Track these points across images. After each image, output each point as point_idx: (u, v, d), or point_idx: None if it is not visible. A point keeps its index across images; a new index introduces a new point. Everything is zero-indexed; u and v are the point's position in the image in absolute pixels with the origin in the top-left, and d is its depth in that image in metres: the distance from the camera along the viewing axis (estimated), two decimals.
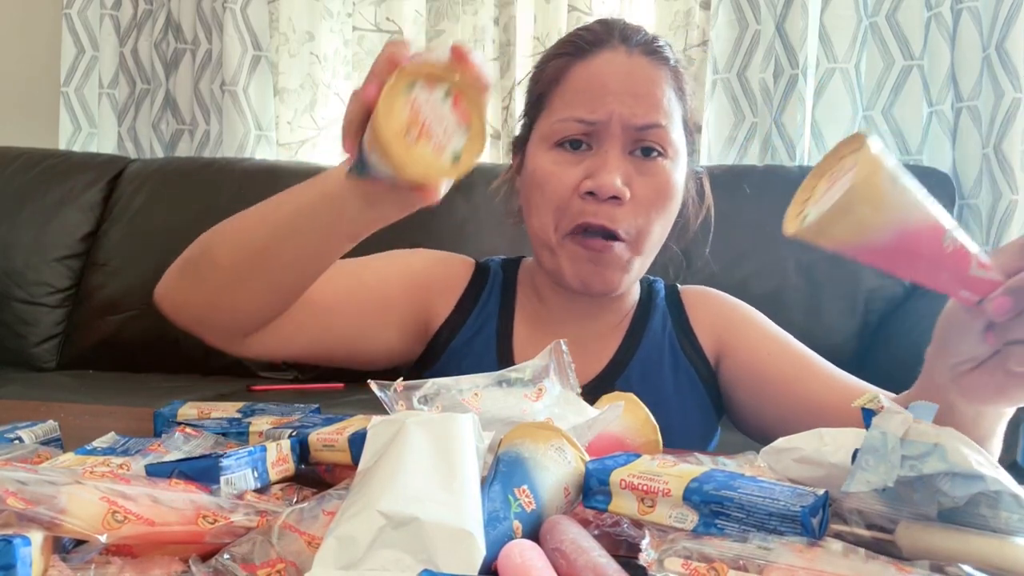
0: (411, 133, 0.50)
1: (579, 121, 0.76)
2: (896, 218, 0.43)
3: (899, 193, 0.43)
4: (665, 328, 0.87)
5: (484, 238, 1.74)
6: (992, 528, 0.42)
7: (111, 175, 2.02)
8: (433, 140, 0.50)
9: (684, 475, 0.45)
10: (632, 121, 0.75)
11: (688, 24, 1.95)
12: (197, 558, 0.41)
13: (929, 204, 0.44)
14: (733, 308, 0.88)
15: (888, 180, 0.42)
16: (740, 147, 1.90)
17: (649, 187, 0.76)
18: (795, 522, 0.40)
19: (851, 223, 0.43)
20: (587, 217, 0.75)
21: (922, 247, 0.44)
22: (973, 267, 0.45)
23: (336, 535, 0.37)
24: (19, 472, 0.39)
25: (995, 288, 0.46)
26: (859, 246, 0.44)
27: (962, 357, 0.51)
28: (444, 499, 0.38)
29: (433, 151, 0.51)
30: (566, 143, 0.77)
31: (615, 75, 0.76)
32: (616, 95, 0.75)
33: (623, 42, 0.78)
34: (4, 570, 0.33)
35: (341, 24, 2.19)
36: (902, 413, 0.45)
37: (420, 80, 0.50)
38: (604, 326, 0.86)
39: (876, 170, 0.42)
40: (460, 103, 0.51)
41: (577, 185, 0.76)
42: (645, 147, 0.76)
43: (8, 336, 1.89)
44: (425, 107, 0.50)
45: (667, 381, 0.84)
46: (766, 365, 0.81)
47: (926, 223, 0.43)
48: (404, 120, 0.50)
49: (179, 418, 0.66)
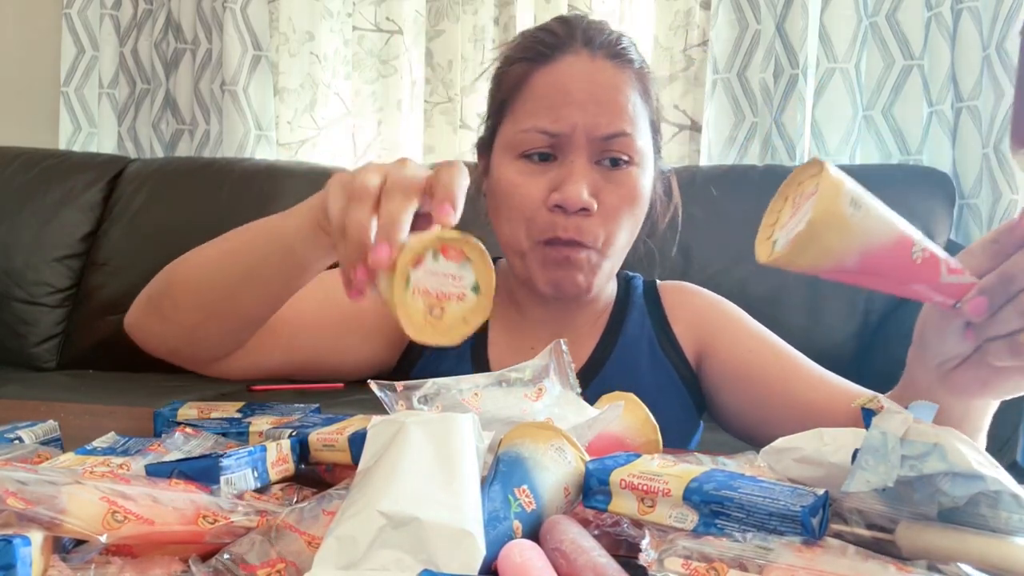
0: (433, 312, 0.49)
1: (542, 132, 0.74)
2: (861, 240, 0.44)
3: (861, 216, 0.44)
4: (643, 326, 0.86)
5: (483, 239, 1.73)
6: (992, 528, 0.42)
7: (111, 175, 2.02)
8: (450, 302, 0.50)
9: (684, 475, 0.44)
10: (596, 132, 0.74)
11: (688, 24, 1.95)
12: (197, 558, 0.41)
13: (894, 220, 0.45)
14: (712, 305, 0.87)
15: (848, 205, 0.43)
16: (740, 147, 1.90)
17: (617, 195, 0.75)
18: (795, 522, 0.40)
19: (817, 251, 0.44)
20: (557, 231, 0.75)
21: (892, 263, 0.45)
22: (944, 274, 0.46)
23: (336, 535, 0.37)
24: (19, 472, 0.39)
25: (968, 290, 0.47)
26: (829, 270, 0.45)
27: (946, 356, 0.53)
28: (444, 499, 0.38)
29: (452, 317, 0.50)
30: (532, 155, 0.76)
31: (577, 82, 0.74)
32: (579, 104, 0.74)
33: (585, 45, 0.76)
34: (4, 570, 0.33)
35: (341, 24, 2.19)
36: (902, 413, 0.46)
37: (411, 269, 0.48)
38: (580, 327, 0.86)
39: (836, 197, 0.43)
40: (448, 250, 0.50)
41: (545, 198, 0.75)
42: (612, 157, 0.75)
43: (8, 336, 1.89)
44: (428, 281, 0.49)
45: (645, 380, 0.83)
46: (748, 364, 0.80)
47: (892, 240, 0.45)
48: (422, 310, 0.48)
49: (179, 418, 0.66)
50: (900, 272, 0.45)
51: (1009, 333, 0.47)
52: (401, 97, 2.16)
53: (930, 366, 0.54)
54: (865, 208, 0.44)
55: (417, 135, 2.16)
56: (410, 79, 2.17)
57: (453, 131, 2.11)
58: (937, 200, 1.62)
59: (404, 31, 2.14)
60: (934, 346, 0.53)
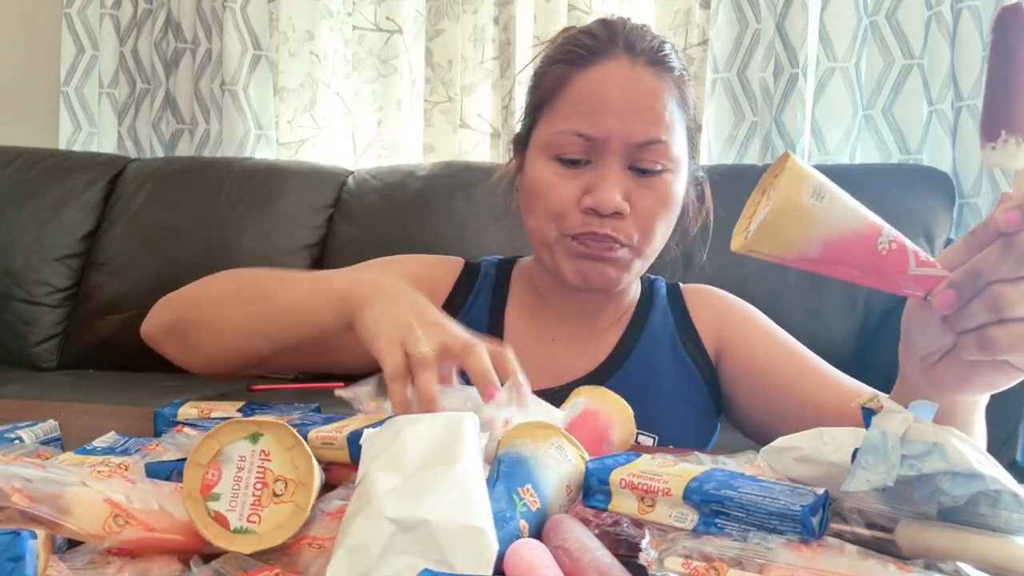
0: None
1: (578, 135, 0.75)
2: (824, 230, 0.46)
3: (824, 207, 0.46)
4: (666, 325, 0.87)
5: (484, 238, 1.74)
6: (992, 527, 0.42)
7: (111, 174, 2.02)
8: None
9: (684, 475, 0.45)
10: (632, 139, 0.75)
11: (688, 23, 1.95)
12: (199, 559, 0.41)
13: (860, 212, 0.47)
14: (734, 306, 0.88)
15: (810, 195, 0.45)
16: (740, 146, 1.90)
17: (650, 199, 0.76)
18: (795, 521, 0.40)
19: (780, 239, 0.46)
20: (592, 227, 0.76)
21: (856, 254, 0.47)
22: (912, 266, 0.48)
23: (346, 547, 0.36)
24: (27, 469, 0.39)
25: (939, 283, 0.48)
26: (793, 260, 0.47)
27: (928, 350, 0.53)
28: (452, 497, 0.38)
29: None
30: (567, 158, 0.77)
31: (616, 89, 0.75)
32: (616, 111, 0.74)
33: (627, 51, 0.77)
34: (13, 562, 0.34)
35: (341, 23, 2.19)
36: (902, 412, 0.46)
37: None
38: (602, 322, 0.87)
39: (797, 187, 0.45)
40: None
41: (577, 199, 0.76)
42: (646, 166, 0.76)
43: (8, 336, 1.89)
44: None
45: (667, 378, 0.84)
46: (765, 364, 0.81)
47: (856, 230, 0.46)
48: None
49: (179, 418, 0.66)
50: (864, 262, 0.47)
51: (977, 327, 0.48)
52: (401, 96, 2.16)
53: (915, 360, 0.55)
54: (828, 199, 0.46)
55: (417, 134, 2.16)
56: (410, 78, 2.17)
57: (453, 130, 2.11)
58: (937, 199, 1.62)
59: (404, 30, 2.14)
60: (916, 340, 0.54)
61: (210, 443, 0.42)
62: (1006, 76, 0.47)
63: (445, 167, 1.91)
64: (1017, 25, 0.46)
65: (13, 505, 0.37)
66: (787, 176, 0.45)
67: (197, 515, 0.40)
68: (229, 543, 0.40)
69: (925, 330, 0.52)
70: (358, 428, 0.50)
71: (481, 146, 2.13)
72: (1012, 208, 0.46)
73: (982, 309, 0.47)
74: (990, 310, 0.47)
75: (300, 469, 0.42)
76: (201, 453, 0.42)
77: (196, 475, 0.41)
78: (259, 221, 1.87)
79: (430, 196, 1.83)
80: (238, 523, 0.40)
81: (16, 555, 0.34)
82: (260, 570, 0.39)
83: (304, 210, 1.89)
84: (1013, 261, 0.46)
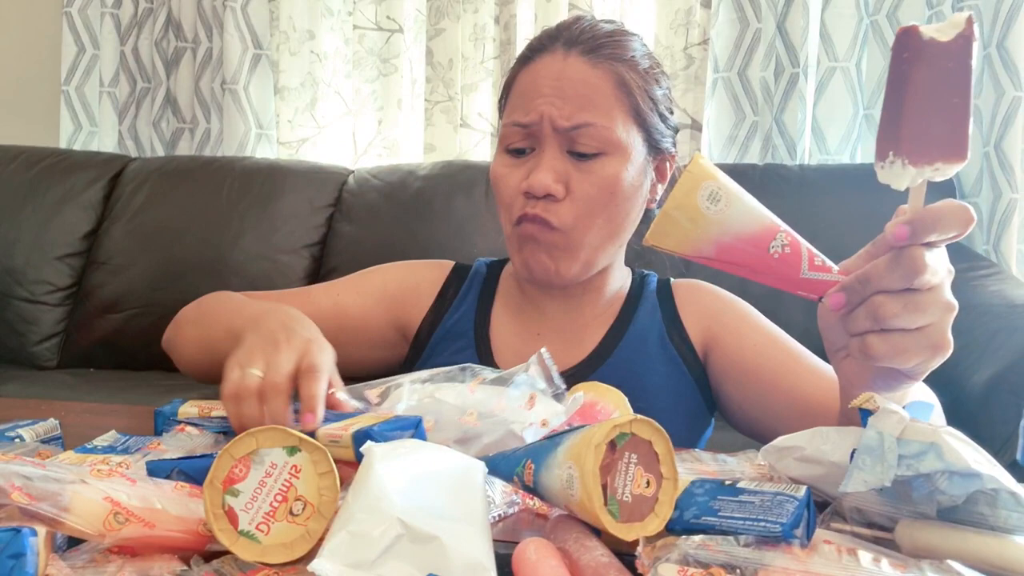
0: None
1: (516, 124, 0.80)
2: (715, 233, 0.50)
3: (718, 211, 0.50)
4: (654, 320, 0.87)
5: (485, 238, 1.74)
6: (991, 526, 0.42)
7: (112, 174, 2.02)
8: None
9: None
10: (560, 122, 0.77)
11: (689, 23, 1.95)
12: (199, 558, 0.41)
13: (755, 216, 0.51)
14: (723, 301, 0.88)
15: (705, 199, 0.49)
16: (741, 146, 1.90)
17: (587, 183, 0.78)
18: (779, 538, 0.40)
19: (674, 237, 0.51)
20: (526, 210, 0.79)
21: (747, 256, 0.51)
22: (804, 270, 0.51)
23: (349, 530, 0.36)
24: (26, 467, 0.39)
25: (832, 287, 0.51)
26: (690, 256, 0.51)
27: (835, 346, 0.56)
28: (465, 530, 0.38)
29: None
30: (513, 149, 0.81)
31: (547, 78, 0.79)
32: (545, 97, 0.78)
33: (564, 44, 0.80)
34: (14, 559, 0.34)
35: (342, 22, 2.19)
36: (898, 413, 0.46)
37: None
38: (586, 317, 0.87)
39: (693, 190, 0.50)
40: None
41: (519, 186, 0.79)
42: (580, 149, 0.78)
43: (9, 334, 1.89)
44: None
45: (655, 372, 0.84)
46: (752, 359, 0.81)
47: (748, 235, 0.50)
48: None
49: (180, 416, 0.66)
50: (757, 264, 0.51)
51: (860, 333, 0.50)
52: (401, 96, 2.16)
53: (830, 354, 0.57)
54: (724, 203, 0.50)
55: (417, 134, 2.16)
56: (410, 78, 2.17)
57: (453, 130, 2.11)
58: (937, 199, 1.62)
59: (404, 30, 2.14)
60: (825, 336, 0.57)
61: (249, 440, 0.42)
62: (897, 98, 0.48)
63: (445, 166, 1.91)
64: (911, 47, 0.47)
65: (13, 503, 0.37)
66: (685, 177, 0.50)
67: (212, 504, 0.41)
68: (232, 543, 0.40)
69: (830, 328, 0.55)
70: (364, 427, 0.51)
71: (482, 145, 2.13)
72: (902, 222, 0.48)
73: (865, 316, 0.50)
74: (871, 318, 0.49)
75: (324, 498, 0.42)
76: (237, 446, 0.42)
77: (225, 465, 0.41)
78: (259, 220, 1.87)
79: (430, 195, 1.83)
80: (247, 526, 0.40)
81: (17, 552, 0.34)
82: (259, 570, 0.39)
83: (304, 209, 1.89)
84: (898, 275, 0.48)
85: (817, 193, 1.67)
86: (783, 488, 0.44)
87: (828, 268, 0.52)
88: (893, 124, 0.48)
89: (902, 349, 0.49)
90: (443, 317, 0.89)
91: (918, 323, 0.49)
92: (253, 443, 0.42)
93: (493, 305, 0.90)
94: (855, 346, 0.51)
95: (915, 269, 0.48)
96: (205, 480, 0.41)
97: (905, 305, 0.48)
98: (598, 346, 0.85)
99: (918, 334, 0.49)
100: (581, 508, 0.42)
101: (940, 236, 0.48)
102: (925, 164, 0.48)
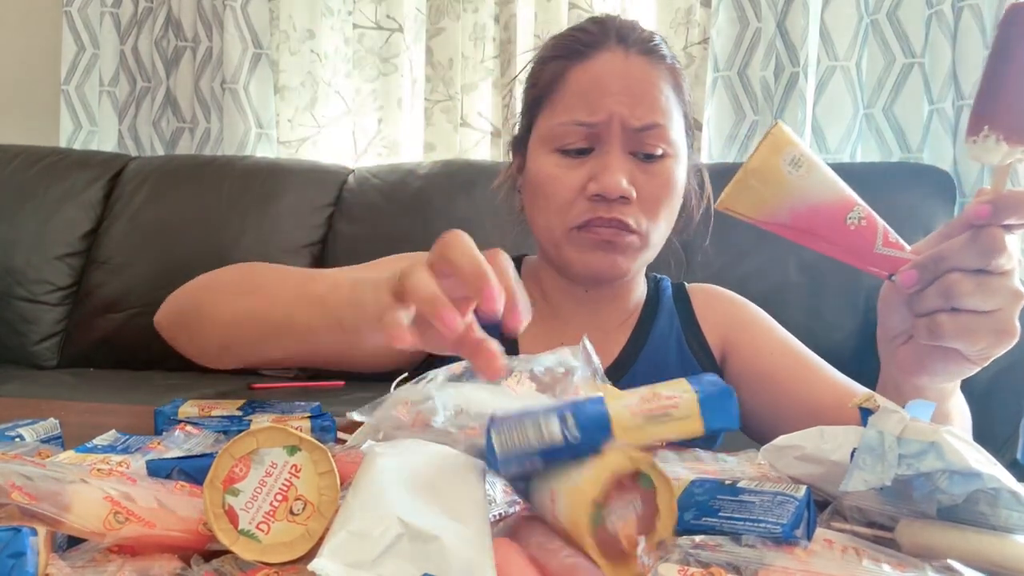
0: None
1: (580, 124, 0.76)
2: (795, 197, 0.49)
3: (800, 175, 0.49)
4: (672, 325, 0.87)
5: (485, 238, 1.73)
6: (991, 525, 0.42)
7: (112, 173, 2.02)
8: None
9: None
10: (631, 122, 0.75)
11: (689, 22, 1.95)
12: (199, 557, 0.41)
13: (834, 186, 0.50)
14: (739, 306, 0.88)
15: (788, 162, 0.48)
16: (741, 145, 1.90)
17: (653, 186, 0.77)
18: (779, 539, 0.40)
19: (752, 199, 0.49)
20: (599, 213, 0.76)
21: (823, 225, 0.50)
22: (879, 244, 0.50)
23: (349, 529, 0.36)
24: (26, 467, 0.39)
25: (904, 265, 0.51)
26: (764, 221, 0.50)
27: (895, 331, 0.55)
28: (467, 533, 0.38)
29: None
30: (570, 149, 0.77)
31: (613, 76, 0.76)
32: (615, 96, 0.75)
33: (620, 42, 0.78)
34: (14, 558, 0.34)
35: (342, 22, 2.19)
36: (898, 412, 0.46)
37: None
38: (610, 322, 0.86)
39: (775, 152, 0.48)
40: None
41: (582, 187, 0.76)
42: (647, 150, 0.76)
43: (9, 334, 1.89)
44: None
45: (673, 377, 0.84)
46: (768, 366, 0.81)
47: (827, 202, 0.49)
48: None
49: (180, 416, 0.66)
50: (832, 234, 0.50)
51: (929, 312, 0.50)
52: (401, 95, 2.16)
53: (886, 342, 0.56)
54: (806, 169, 0.49)
55: (418, 133, 2.16)
56: (410, 77, 2.17)
57: (454, 129, 2.11)
58: (938, 198, 1.62)
59: (404, 29, 2.14)
60: (886, 321, 0.56)
61: (249, 440, 0.42)
62: (999, 74, 0.48)
63: (445, 166, 1.91)
64: (1020, 24, 0.46)
65: (13, 502, 0.37)
66: (768, 140, 0.49)
67: (212, 503, 0.41)
68: (231, 542, 0.40)
69: (893, 311, 0.54)
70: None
71: (482, 145, 2.13)
72: (984, 202, 0.48)
73: (936, 294, 0.49)
74: (943, 296, 0.49)
75: (324, 497, 0.41)
76: (237, 446, 0.42)
77: (225, 465, 0.41)
78: (259, 219, 1.87)
79: (430, 195, 1.83)
80: (247, 525, 0.40)
81: (17, 551, 0.34)
82: (259, 569, 0.39)
83: (305, 209, 1.89)
84: (975, 252, 0.48)
85: None
86: (783, 488, 0.44)
87: (901, 246, 0.51)
88: (992, 99, 0.48)
89: (972, 330, 0.49)
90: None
91: (989, 305, 0.49)
92: (253, 443, 0.42)
93: None
94: (922, 325, 0.50)
95: (993, 248, 0.48)
96: (205, 480, 0.41)
97: (979, 285, 0.48)
98: (620, 354, 0.85)
99: (988, 317, 0.49)
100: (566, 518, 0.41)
101: (1020, 220, 0.48)
102: (1019, 143, 0.47)
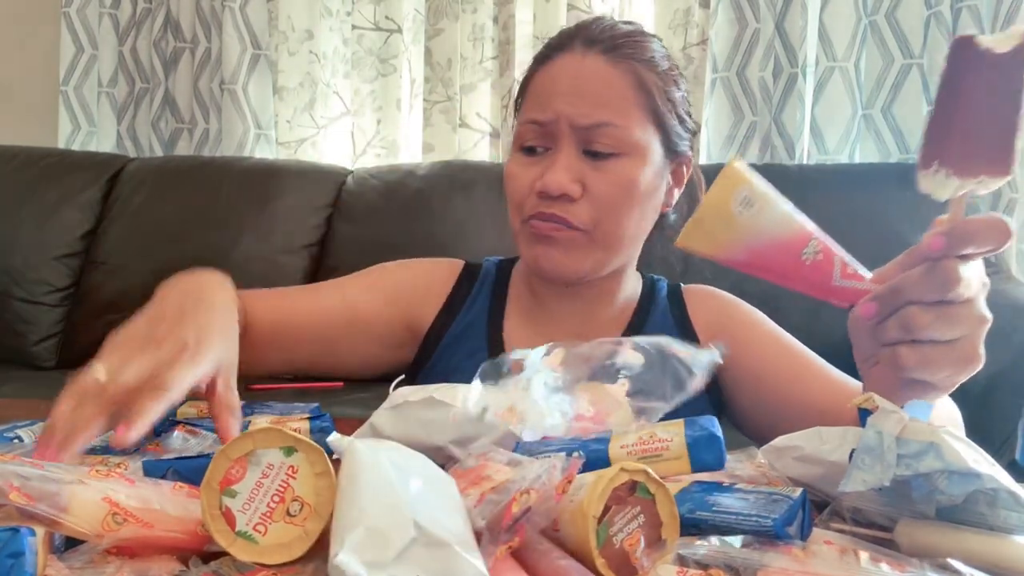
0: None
1: (531, 123, 0.79)
2: (747, 237, 0.50)
3: (750, 216, 0.50)
4: (665, 326, 0.87)
5: (484, 238, 1.74)
6: (990, 526, 0.42)
7: (110, 174, 2.02)
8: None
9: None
10: (578, 121, 0.76)
11: (687, 23, 1.95)
12: (197, 559, 0.41)
13: (788, 222, 0.51)
14: (735, 307, 0.88)
15: (738, 203, 0.49)
16: (740, 146, 1.90)
17: (605, 184, 0.77)
18: (770, 534, 0.40)
19: (707, 239, 0.51)
20: (541, 208, 0.78)
21: (779, 262, 0.51)
22: (837, 277, 0.51)
23: (367, 526, 0.36)
24: (24, 467, 0.39)
25: (863, 296, 0.51)
26: (722, 260, 0.51)
27: (865, 354, 0.55)
28: (472, 539, 0.38)
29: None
30: (528, 148, 0.80)
31: (565, 76, 0.78)
32: (563, 95, 0.77)
33: (583, 43, 0.79)
34: (13, 558, 0.34)
35: (340, 23, 2.19)
36: (897, 412, 0.46)
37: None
38: (599, 322, 0.86)
39: (727, 194, 0.50)
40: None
41: (533, 184, 0.78)
42: (596, 148, 0.77)
43: (7, 335, 1.89)
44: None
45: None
46: (765, 367, 0.81)
47: (781, 241, 0.50)
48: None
49: (178, 417, 0.66)
50: (788, 271, 0.51)
51: (891, 343, 0.50)
52: (400, 96, 2.16)
53: (859, 362, 0.57)
54: (758, 208, 0.50)
55: (416, 134, 2.16)
56: (409, 78, 2.17)
57: (452, 130, 2.11)
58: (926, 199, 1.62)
59: (403, 30, 2.14)
60: (856, 344, 0.56)
61: (245, 441, 0.42)
62: (947, 108, 0.48)
63: (444, 166, 1.91)
64: (966, 57, 0.47)
65: (11, 503, 0.37)
66: (720, 179, 0.50)
67: (209, 505, 0.40)
68: (229, 543, 0.40)
69: (860, 337, 0.55)
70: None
71: (481, 145, 2.13)
72: (938, 234, 0.48)
73: (896, 327, 0.49)
74: (903, 329, 0.49)
75: (321, 498, 0.41)
76: (234, 447, 0.41)
77: (222, 466, 0.41)
78: (258, 220, 1.87)
79: (429, 195, 1.83)
80: (244, 527, 0.40)
81: (15, 551, 0.34)
82: (257, 570, 0.39)
83: (303, 209, 1.89)
84: (932, 285, 0.48)
85: (816, 193, 1.66)
86: (780, 489, 0.44)
87: (860, 277, 0.51)
88: (941, 133, 0.48)
89: (932, 360, 0.49)
90: (455, 319, 0.88)
91: (950, 335, 0.48)
92: (250, 444, 0.42)
93: (505, 311, 0.89)
94: (885, 356, 0.50)
95: (949, 281, 0.47)
96: (202, 481, 0.41)
97: (937, 316, 0.48)
98: None
99: (949, 346, 0.49)
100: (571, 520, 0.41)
101: (976, 249, 0.48)
102: (970, 177, 0.47)
